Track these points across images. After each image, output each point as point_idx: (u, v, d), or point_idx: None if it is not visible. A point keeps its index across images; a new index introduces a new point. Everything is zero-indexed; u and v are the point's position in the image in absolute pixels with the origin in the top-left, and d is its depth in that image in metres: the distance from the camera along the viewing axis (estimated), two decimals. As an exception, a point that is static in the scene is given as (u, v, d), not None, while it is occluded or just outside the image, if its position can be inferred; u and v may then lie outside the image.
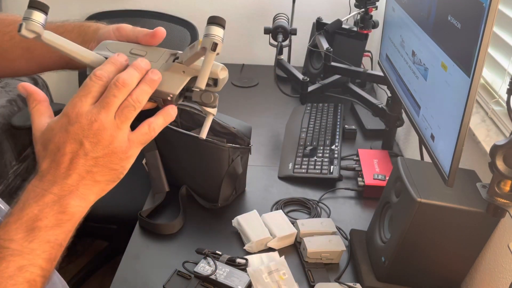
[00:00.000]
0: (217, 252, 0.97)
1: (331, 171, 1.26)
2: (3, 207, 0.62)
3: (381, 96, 1.77)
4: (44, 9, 0.52)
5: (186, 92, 0.58)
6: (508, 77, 0.94)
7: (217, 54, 0.53)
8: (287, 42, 1.64)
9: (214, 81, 0.58)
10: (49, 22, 0.55)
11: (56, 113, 0.55)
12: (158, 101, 0.58)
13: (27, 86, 0.55)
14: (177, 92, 0.56)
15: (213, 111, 0.60)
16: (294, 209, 1.16)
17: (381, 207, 0.97)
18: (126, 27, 0.61)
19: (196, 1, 2.03)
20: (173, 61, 0.57)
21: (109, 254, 1.84)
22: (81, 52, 0.56)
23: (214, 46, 0.52)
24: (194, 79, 0.56)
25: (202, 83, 0.54)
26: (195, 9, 2.03)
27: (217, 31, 0.52)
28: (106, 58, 0.55)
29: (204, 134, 0.61)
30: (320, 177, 1.26)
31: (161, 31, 0.58)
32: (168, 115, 0.56)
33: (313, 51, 1.79)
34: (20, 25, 0.52)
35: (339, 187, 1.25)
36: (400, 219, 0.86)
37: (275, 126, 1.55)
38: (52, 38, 0.54)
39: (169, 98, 0.56)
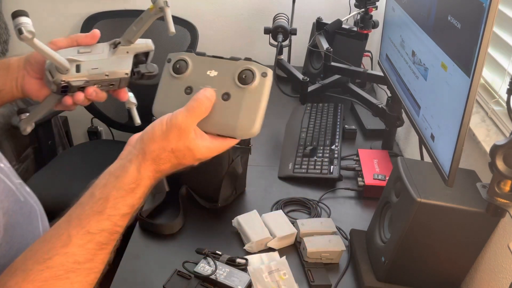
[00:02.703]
0: (217, 252, 0.97)
1: (331, 171, 1.26)
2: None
3: (381, 96, 1.77)
4: (28, 15, 0.61)
5: (135, 68, 0.70)
6: (508, 77, 0.94)
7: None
8: (287, 42, 1.64)
9: (145, 54, 0.72)
10: None
11: (56, 112, 0.60)
12: (115, 84, 0.70)
13: None
14: (130, 68, 0.69)
15: (134, 102, 0.76)
16: (294, 209, 1.16)
17: (381, 207, 0.97)
18: (59, 40, 0.69)
19: (196, 1, 2.03)
20: (115, 47, 0.69)
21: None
22: (56, 57, 0.65)
23: (166, 2, 0.65)
24: (137, 56, 0.70)
25: (172, 28, 0.65)
26: (195, 9, 2.03)
27: None
28: (74, 60, 0.67)
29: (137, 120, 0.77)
30: (320, 177, 1.26)
31: (97, 32, 0.70)
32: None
33: (313, 51, 1.79)
34: (20, 29, 0.59)
35: (339, 187, 1.25)
36: (400, 219, 0.86)
37: (275, 126, 1.55)
38: (38, 42, 0.62)
39: (125, 75, 0.69)
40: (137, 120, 0.77)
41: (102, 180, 0.58)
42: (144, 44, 0.71)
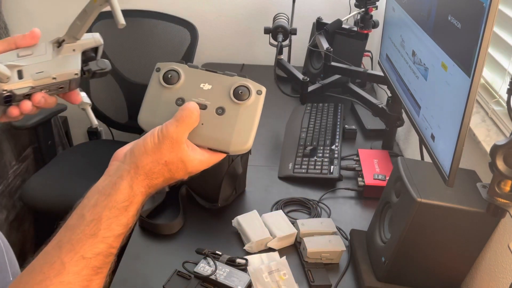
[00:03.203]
0: (217, 252, 0.97)
1: (331, 171, 1.26)
2: None
3: (381, 96, 1.77)
4: None
5: (85, 67, 0.64)
6: (508, 77, 0.94)
7: None
8: (287, 42, 1.64)
9: (94, 50, 0.66)
10: None
11: (56, 112, 0.57)
12: (65, 86, 0.64)
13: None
14: (80, 66, 0.63)
15: (88, 103, 0.68)
16: (294, 209, 1.16)
17: (381, 207, 0.97)
18: None
19: (196, 1, 2.03)
20: (59, 46, 0.63)
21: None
22: None
23: None
24: (85, 53, 0.65)
25: (122, 19, 0.62)
26: (195, 9, 2.03)
27: None
28: (14, 65, 0.60)
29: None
30: (320, 177, 1.26)
31: (37, 30, 0.63)
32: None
33: (313, 51, 1.79)
34: None
35: (339, 187, 1.25)
36: (400, 219, 0.86)
37: (275, 126, 1.55)
38: None
39: (75, 76, 0.63)
40: (94, 122, 0.74)
41: (90, 200, 0.54)
42: (92, 39, 0.66)
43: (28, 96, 0.61)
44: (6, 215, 1.75)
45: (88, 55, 0.66)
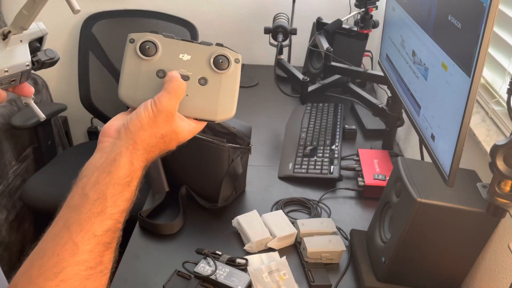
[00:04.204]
0: (217, 252, 0.97)
1: (331, 171, 1.26)
2: None
3: (381, 96, 1.77)
4: None
5: (33, 58, 0.64)
6: (508, 77, 0.94)
7: None
8: (287, 42, 1.64)
9: (39, 40, 0.66)
10: None
11: (56, 112, 0.56)
12: (16, 79, 0.63)
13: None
14: (29, 57, 0.63)
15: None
16: (294, 209, 1.16)
17: (381, 207, 0.97)
18: None
19: (196, 1, 2.03)
20: (5, 38, 0.61)
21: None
22: None
23: None
24: (31, 43, 0.64)
25: (76, 5, 0.60)
26: (195, 9, 2.03)
27: None
28: None
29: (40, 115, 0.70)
30: (320, 177, 1.26)
31: None
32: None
33: (313, 51, 1.79)
34: None
35: (339, 187, 1.25)
36: (400, 219, 0.86)
37: (275, 126, 1.55)
38: None
39: (26, 67, 0.62)
40: (41, 115, 0.71)
41: (90, 178, 0.54)
42: (37, 29, 0.65)
43: None
44: (6, 215, 1.75)
45: (33, 46, 0.65)
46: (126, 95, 0.62)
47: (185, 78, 0.62)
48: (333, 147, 1.36)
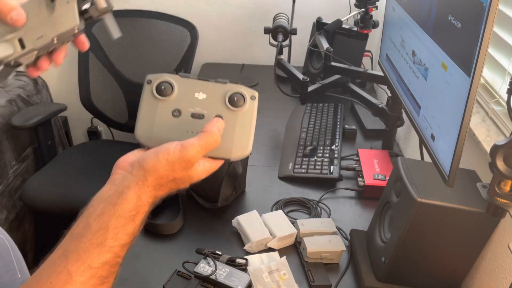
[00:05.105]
0: (217, 252, 0.97)
1: (331, 171, 1.26)
2: None
3: (381, 96, 1.77)
4: None
5: (85, 15, 0.59)
6: (508, 77, 0.94)
7: None
8: (287, 42, 1.64)
9: None
10: None
11: (56, 112, 0.55)
12: (70, 39, 0.61)
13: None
14: (78, 21, 0.58)
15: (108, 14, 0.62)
16: (294, 209, 1.16)
17: (381, 207, 0.97)
18: None
19: (196, 1, 2.03)
20: (52, 1, 0.58)
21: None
22: None
23: None
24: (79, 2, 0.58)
25: (116, 30, 0.60)
26: (195, 9, 2.03)
27: None
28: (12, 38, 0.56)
29: (116, 32, 0.64)
30: (320, 177, 1.26)
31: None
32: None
33: (313, 51, 1.79)
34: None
35: (339, 187, 1.25)
36: (400, 219, 0.86)
37: (275, 126, 1.55)
38: None
39: (76, 31, 0.59)
40: (117, 32, 0.64)
41: (96, 208, 0.54)
42: None
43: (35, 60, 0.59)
44: (6, 215, 1.75)
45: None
46: (142, 135, 0.63)
47: (200, 116, 0.62)
48: (333, 147, 1.37)
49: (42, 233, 1.91)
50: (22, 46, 0.57)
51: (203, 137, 0.58)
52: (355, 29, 1.62)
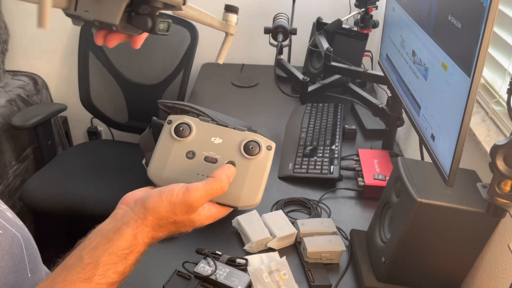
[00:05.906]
0: (217, 252, 0.97)
1: (331, 171, 1.26)
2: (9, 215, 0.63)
3: (381, 96, 1.77)
4: None
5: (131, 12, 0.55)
6: (509, 77, 0.94)
7: None
8: (287, 42, 1.64)
9: None
10: None
11: (56, 112, 0.55)
12: (117, 31, 0.56)
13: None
14: (117, 21, 0.54)
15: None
16: (294, 209, 1.16)
17: (381, 207, 0.97)
18: None
19: (196, 1, 2.02)
20: None
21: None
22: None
23: None
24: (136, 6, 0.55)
25: (46, 20, 0.53)
26: (195, 9, 2.03)
27: None
28: None
29: (221, 58, 0.65)
30: (320, 177, 1.26)
31: None
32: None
33: (313, 51, 1.79)
34: None
35: (339, 187, 1.25)
36: (400, 219, 0.86)
37: (275, 126, 1.55)
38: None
39: (114, 29, 0.55)
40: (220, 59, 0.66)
41: (92, 241, 0.53)
42: None
43: None
44: (6, 215, 1.75)
45: None
46: (154, 173, 0.63)
47: (213, 160, 0.62)
48: (333, 147, 1.37)
49: (42, 233, 1.91)
50: (75, 8, 0.56)
51: (210, 182, 0.57)
52: (355, 29, 1.62)
